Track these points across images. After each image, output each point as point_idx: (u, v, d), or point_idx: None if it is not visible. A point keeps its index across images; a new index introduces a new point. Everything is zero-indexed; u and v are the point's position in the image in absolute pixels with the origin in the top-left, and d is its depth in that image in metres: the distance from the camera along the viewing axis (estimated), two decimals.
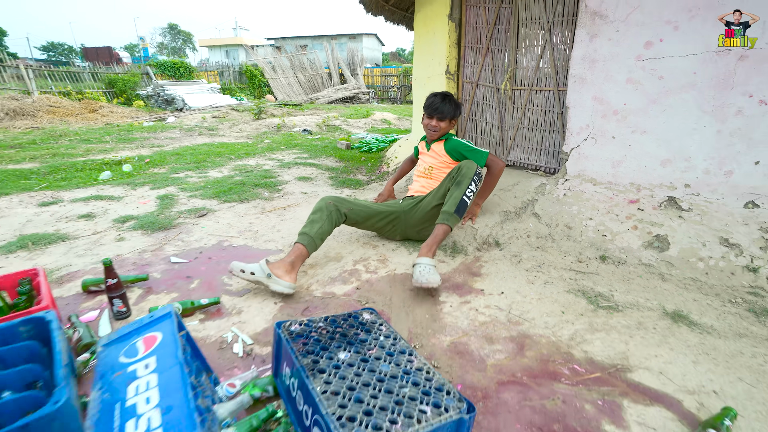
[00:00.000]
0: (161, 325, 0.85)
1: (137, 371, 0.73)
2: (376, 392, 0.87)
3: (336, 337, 1.06)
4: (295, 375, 0.94)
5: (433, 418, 0.81)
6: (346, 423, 0.77)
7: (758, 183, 1.89)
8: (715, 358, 1.31)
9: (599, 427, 1.03)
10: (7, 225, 2.41)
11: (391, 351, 1.03)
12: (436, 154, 2.21)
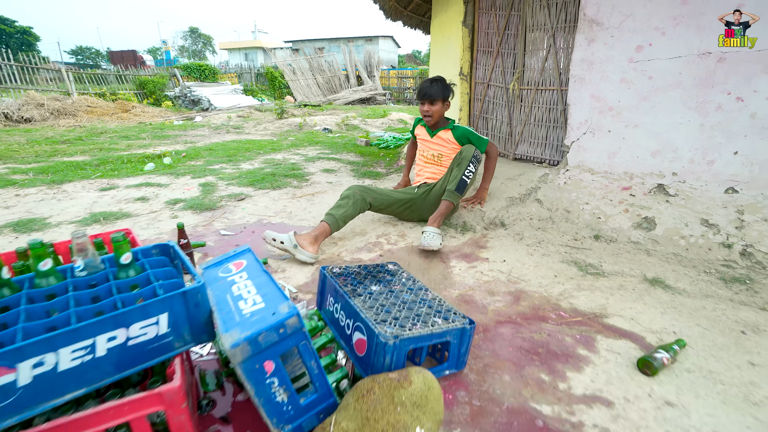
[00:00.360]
0: (244, 255, 1.17)
1: (235, 280, 1.05)
2: (400, 309, 1.17)
3: (368, 277, 1.37)
4: (339, 300, 1.25)
5: (444, 324, 1.11)
6: (379, 322, 1.07)
7: (737, 171, 2.13)
8: (680, 311, 1.56)
9: (575, 351, 1.31)
10: (78, 205, 2.81)
11: (411, 287, 1.33)
12: (444, 142, 2.40)
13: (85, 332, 0.76)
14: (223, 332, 0.81)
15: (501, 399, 1.11)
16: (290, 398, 0.88)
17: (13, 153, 4.62)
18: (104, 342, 0.78)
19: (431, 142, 2.47)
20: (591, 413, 1.06)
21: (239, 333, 0.80)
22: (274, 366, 0.84)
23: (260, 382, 0.83)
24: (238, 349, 0.78)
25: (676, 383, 1.17)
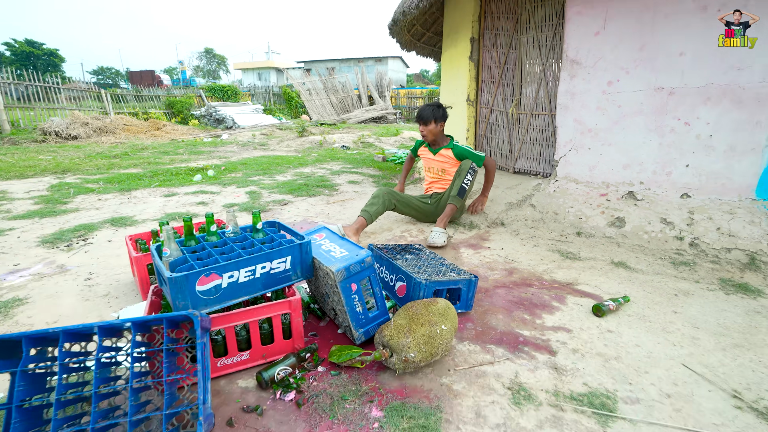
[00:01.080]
0: (322, 230, 1.73)
1: (322, 243, 1.60)
2: (426, 268, 1.72)
3: (402, 251, 1.93)
4: (383, 263, 1.80)
5: (456, 276, 1.66)
6: (415, 275, 1.62)
7: (689, 180, 2.66)
8: (633, 282, 2.09)
9: (550, 303, 1.84)
10: (152, 207, 3.42)
11: (433, 257, 1.89)
12: (445, 158, 2.88)
13: (251, 261, 1.32)
14: (328, 265, 1.37)
15: (496, 327, 1.64)
16: (363, 310, 1.43)
17: (77, 166, 5.30)
18: (260, 269, 1.35)
19: (434, 160, 2.95)
20: (556, 335, 1.59)
21: (339, 264, 1.36)
22: (357, 287, 1.40)
23: (348, 296, 1.38)
24: (340, 273, 1.34)
25: (617, 321, 1.69)
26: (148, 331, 1.12)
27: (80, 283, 2.02)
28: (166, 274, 1.16)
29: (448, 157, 2.89)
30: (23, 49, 42.89)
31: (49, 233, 2.74)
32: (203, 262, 1.27)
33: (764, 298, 1.93)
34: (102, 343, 1.01)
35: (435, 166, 2.96)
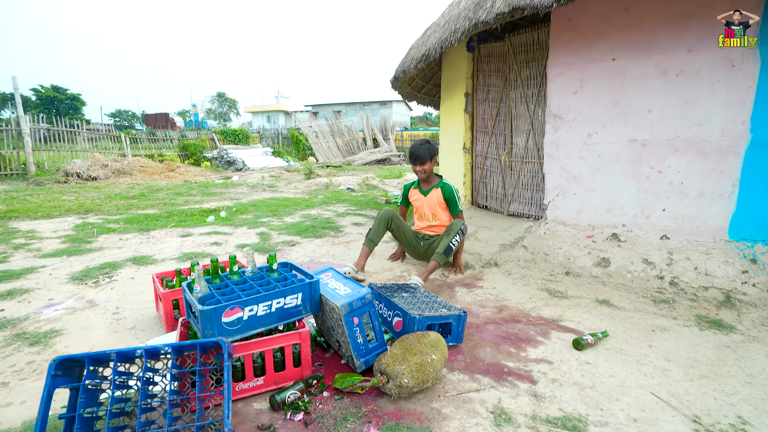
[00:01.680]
0: (328, 270, 1.96)
1: (328, 282, 1.82)
2: (420, 304, 1.92)
3: (399, 289, 2.13)
4: (382, 300, 2.01)
5: (447, 312, 1.86)
6: (410, 311, 1.82)
7: (667, 223, 2.88)
8: (614, 318, 2.26)
9: (535, 338, 2.01)
10: (170, 247, 3.67)
11: (427, 295, 2.09)
12: (435, 202, 2.94)
13: (268, 297, 1.54)
14: (334, 301, 1.59)
15: (483, 359, 1.81)
16: (364, 342, 1.62)
17: (98, 207, 5.64)
18: (275, 304, 1.57)
19: (426, 202, 3.01)
20: (538, 366, 1.76)
21: (344, 300, 1.58)
22: (358, 321, 1.60)
23: (351, 329, 1.58)
24: (343, 307, 1.55)
25: (595, 354, 1.86)
26: (181, 355, 1.32)
27: (109, 316, 2.23)
28: (198, 307, 1.38)
29: (437, 201, 2.98)
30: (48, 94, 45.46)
31: (77, 270, 2.98)
32: (227, 297, 1.50)
33: (735, 333, 2.09)
34: (146, 364, 1.22)
35: (427, 210, 3.04)
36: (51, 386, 1.13)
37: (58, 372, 1.15)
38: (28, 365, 1.74)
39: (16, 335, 1.99)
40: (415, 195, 3.09)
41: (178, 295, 2.02)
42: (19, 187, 7.72)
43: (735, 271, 2.58)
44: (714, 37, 2.59)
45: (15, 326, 2.10)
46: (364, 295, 1.60)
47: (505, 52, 3.87)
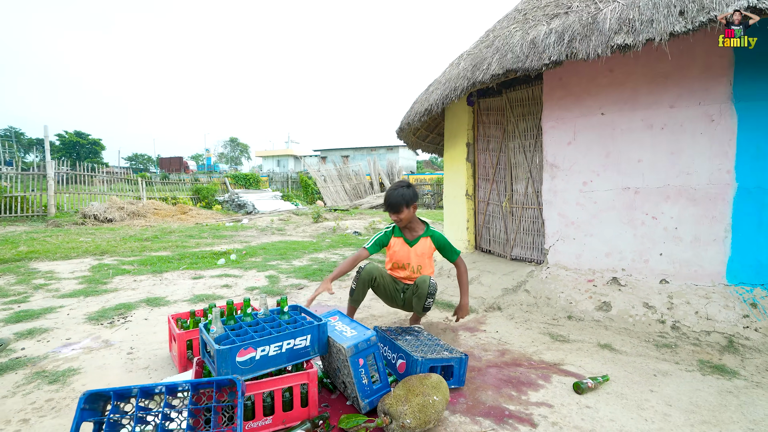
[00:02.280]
0: (335, 313, 2.05)
1: (335, 325, 1.91)
2: (423, 347, 1.99)
3: (403, 332, 2.21)
4: (387, 343, 2.08)
5: (449, 354, 1.92)
6: (413, 353, 1.89)
7: (665, 267, 2.96)
8: (616, 363, 2.29)
9: (536, 381, 2.05)
10: (182, 289, 3.79)
11: (430, 338, 2.16)
12: (424, 252, 2.55)
13: (279, 338, 1.64)
14: (341, 342, 1.68)
15: (485, 402, 1.85)
16: (369, 383, 1.69)
17: (113, 248, 5.84)
18: (285, 345, 1.66)
19: (411, 252, 2.55)
20: (538, 410, 1.79)
21: (350, 342, 1.67)
22: (363, 362, 1.68)
23: (356, 369, 1.66)
24: (349, 349, 1.64)
25: (596, 398, 1.89)
26: (197, 392, 1.41)
27: (123, 356, 2.32)
28: (215, 347, 1.48)
29: (425, 251, 2.57)
30: (71, 139, 47.81)
31: (93, 311, 3.10)
32: (242, 338, 1.60)
33: (738, 379, 2.10)
34: (166, 399, 1.31)
35: (413, 262, 2.57)
36: (80, 419, 1.22)
37: (86, 406, 1.25)
38: (47, 402, 1.82)
39: (36, 373, 2.08)
40: (398, 245, 2.60)
41: (192, 335, 2.12)
42: (39, 229, 8.01)
43: (736, 315, 2.61)
44: (692, 95, 2.82)
45: (35, 365, 2.19)
46: (369, 337, 1.69)
47: (503, 106, 4.16)
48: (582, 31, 2.68)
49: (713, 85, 2.76)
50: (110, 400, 1.30)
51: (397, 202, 2.44)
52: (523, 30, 3.19)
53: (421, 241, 2.58)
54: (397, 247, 2.60)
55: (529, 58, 2.90)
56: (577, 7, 2.94)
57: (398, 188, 2.48)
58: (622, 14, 2.55)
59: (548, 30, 2.91)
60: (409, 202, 2.48)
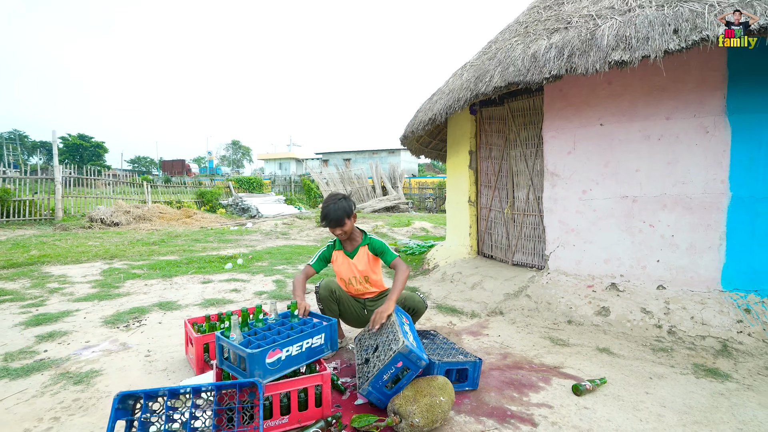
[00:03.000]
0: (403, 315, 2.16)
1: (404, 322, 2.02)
2: (440, 350, 2.09)
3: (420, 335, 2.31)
4: None
5: (464, 358, 2.02)
6: (431, 357, 1.99)
7: (662, 273, 3.05)
8: (613, 366, 2.38)
9: (537, 383, 2.15)
10: (193, 293, 3.89)
11: (446, 341, 2.26)
12: (366, 261, 2.47)
13: (302, 338, 1.75)
14: (404, 336, 1.78)
15: (488, 402, 1.95)
16: (383, 381, 1.79)
17: (122, 252, 5.95)
18: (305, 345, 1.77)
19: (354, 265, 2.49)
20: (539, 410, 1.89)
21: (409, 345, 1.77)
22: (399, 365, 1.78)
23: (390, 365, 1.76)
24: (404, 348, 1.73)
25: (593, 399, 1.99)
26: (220, 393, 1.51)
27: (142, 359, 2.42)
28: (247, 351, 1.58)
29: (368, 259, 2.50)
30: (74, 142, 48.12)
31: (108, 315, 3.20)
32: (266, 341, 1.71)
33: (731, 382, 2.19)
34: (192, 400, 1.41)
35: (358, 274, 2.51)
36: (115, 417, 1.32)
37: (119, 405, 1.35)
38: (74, 402, 1.92)
39: (60, 374, 2.19)
40: (340, 258, 2.54)
41: (208, 339, 2.22)
42: (47, 232, 8.14)
43: (730, 320, 2.71)
44: (687, 108, 2.92)
45: (59, 366, 2.29)
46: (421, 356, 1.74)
47: (505, 115, 4.27)
48: (581, 46, 2.79)
49: (708, 99, 2.87)
50: (140, 400, 1.40)
51: (338, 216, 2.34)
52: (524, 43, 3.31)
53: (360, 251, 2.50)
54: (339, 260, 2.53)
55: (530, 72, 3.01)
56: (576, 22, 3.05)
57: (336, 201, 2.39)
58: (620, 31, 2.66)
59: (548, 44, 3.02)
60: (350, 214, 2.41)
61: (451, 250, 5.02)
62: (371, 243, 2.50)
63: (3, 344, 2.61)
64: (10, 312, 3.24)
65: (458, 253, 4.82)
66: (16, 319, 3.07)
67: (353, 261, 2.49)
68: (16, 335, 2.77)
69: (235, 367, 1.66)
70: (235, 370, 1.66)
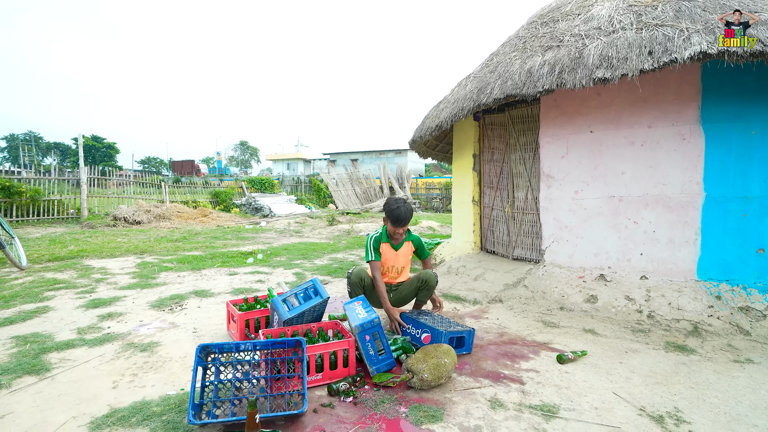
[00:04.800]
0: (360, 299, 2.56)
1: (356, 308, 2.42)
2: (441, 323, 2.49)
3: (420, 314, 2.70)
4: (411, 321, 2.58)
5: (461, 328, 2.42)
6: (437, 327, 2.39)
7: (645, 265, 3.41)
8: (596, 343, 2.75)
9: (528, 355, 2.53)
10: (222, 284, 4.33)
11: (443, 318, 2.65)
12: (406, 254, 2.91)
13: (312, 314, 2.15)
14: (352, 322, 2.18)
15: (485, 368, 2.34)
16: (375, 354, 2.19)
17: (150, 248, 6.42)
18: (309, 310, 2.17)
19: (396, 256, 2.90)
20: (527, 374, 2.27)
21: (358, 322, 2.17)
22: (369, 338, 2.18)
23: (364, 343, 2.16)
24: (357, 327, 2.14)
25: (574, 367, 2.37)
26: (271, 349, 1.92)
27: (190, 334, 2.85)
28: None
29: (407, 252, 2.96)
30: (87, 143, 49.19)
31: (153, 300, 3.64)
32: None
33: (695, 355, 2.56)
34: (253, 353, 1.83)
35: (397, 264, 2.92)
36: (197, 364, 1.74)
37: (200, 355, 1.77)
38: (145, 364, 2.35)
39: (127, 344, 2.62)
40: (386, 249, 2.88)
41: (249, 316, 2.64)
42: (76, 230, 8.67)
43: (702, 306, 3.07)
44: (667, 117, 3.28)
45: (124, 339, 2.73)
46: (373, 319, 2.19)
47: (505, 121, 4.64)
48: (570, 64, 3.17)
49: (684, 109, 3.23)
50: (213, 352, 1.82)
51: (409, 217, 2.76)
52: (521, 59, 3.69)
53: (405, 245, 2.94)
54: (386, 252, 2.86)
55: (526, 86, 3.39)
56: (567, 41, 3.43)
57: (404, 204, 2.77)
58: (603, 51, 3.03)
59: (542, 61, 3.40)
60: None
61: (456, 246, 5.40)
62: (414, 239, 2.99)
63: (73, 321, 3.06)
64: (68, 297, 3.70)
65: (463, 249, 5.20)
66: (76, 303, 3.53)
67: (397, 253, 2.89)
68: (81, 315, 3.22)
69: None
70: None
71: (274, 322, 2.48)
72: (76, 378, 2.19)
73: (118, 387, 2.09)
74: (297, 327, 2.31)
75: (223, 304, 3.57)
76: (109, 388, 2.08)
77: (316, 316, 2.51)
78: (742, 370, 2.36)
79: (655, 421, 1.82)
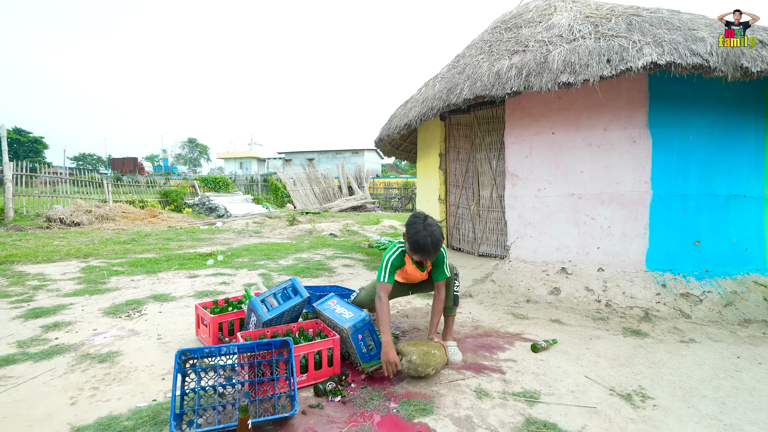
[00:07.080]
0: (334, 297, 2.52)
1: (335, 307, 2.38)
2: None
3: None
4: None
5: None
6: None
7: (602, 258, 3.67)
8: (563, 332, 2.92)
9: (503, 345, 2.63)
10: (182, 287, 4.07)
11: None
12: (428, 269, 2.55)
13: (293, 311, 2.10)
14: (342, 324, 2.16)
15: (466, 360, 2.40)
16: (367, 351, 2.18)
17: (94, 251, 5.90)
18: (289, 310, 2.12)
19: (420, 274, 2.57)
20: (506, 363, 2.36)
21: (350, 323, 2.15)
22: (362, 336, 2.17)
23: (357, 343, 2.15)
24: (350, 329, 2.12)
25: (547, 354, 2.49)
26: (255, 351, 1.84)
27: (154, 341, 2.65)
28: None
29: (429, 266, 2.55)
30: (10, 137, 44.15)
31: (106, 306, 3.35)
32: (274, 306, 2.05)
33: (648, 338, 2.79)
34: (235, 357, 1.74)
35: (419, 279, 2.66)
36: (177, 371, 1.62)
37: (179, 361, 1.65)
38: (106, 375, 2.15)
39: (82, 356, 2.39)
40: (410, 266, 2.52)
41: (222, 319, 2.51)
42: (1, 233, 7.76)
43: (651, 294, 3.35)
44: (619, 121, 3.55)
45: (77, 350, 2.48)
46: (363, 318, 2.18)
47: (471, 122, 4.79)
48: (536, 68, 3.33)
49: (635, 114, 3.51)
50: (193, 358, 1.71)
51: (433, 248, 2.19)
52: (489, 62, 3.82)
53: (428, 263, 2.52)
54: (409, 268, 2.52)
55: (494, 87, 3.52)
56: (532, 46, 3.60)
57: (433, 227, 2.21)
58: (566, 57, 3.22)
59: (510, 64, 3.55)
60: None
61: None
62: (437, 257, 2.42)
63: (10, 334, 2.73)
64: (0, 308, 3.30)
65: None
66: (11, 314, 3.16)
67: (423, 273, 2.56)
68: (19, 326, 2.88)
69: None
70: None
71: (250, 323, 2.37)
72: (23, 397, 1.95)
73: (77, 403, 1.90)
74: (277, 328, 2.23)
75: (186, 307, 3.36)
76: (67, 405, 1.88)
77: (294, 316, 2.44)
78: (688, 349, 2.61)
79: (625, 399, 1.96)
